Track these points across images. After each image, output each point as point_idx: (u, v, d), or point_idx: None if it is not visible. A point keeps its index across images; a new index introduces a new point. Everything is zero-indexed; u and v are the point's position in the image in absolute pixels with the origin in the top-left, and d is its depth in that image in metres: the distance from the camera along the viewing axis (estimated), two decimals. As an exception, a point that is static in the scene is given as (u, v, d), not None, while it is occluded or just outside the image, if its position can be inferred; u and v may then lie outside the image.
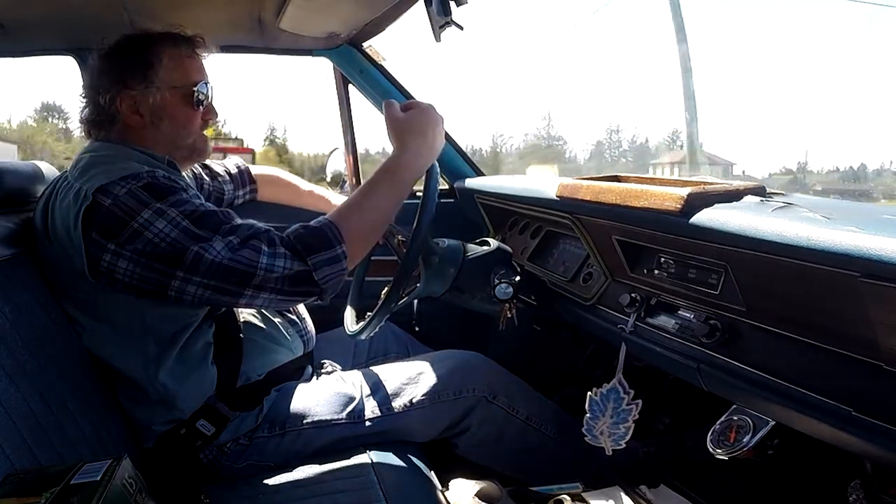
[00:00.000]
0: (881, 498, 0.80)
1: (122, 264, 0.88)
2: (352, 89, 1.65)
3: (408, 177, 0.98)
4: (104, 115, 1.02)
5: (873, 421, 0.64)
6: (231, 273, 0.87)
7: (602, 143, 31.09)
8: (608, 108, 15.09)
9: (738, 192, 0.86)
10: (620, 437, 1.01)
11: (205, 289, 0.88)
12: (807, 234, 0.65)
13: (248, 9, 1.27)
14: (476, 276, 1.13)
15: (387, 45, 1.60)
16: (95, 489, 0.67)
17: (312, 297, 0.92)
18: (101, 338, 0.97)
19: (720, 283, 0.84)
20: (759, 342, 0.80)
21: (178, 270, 0.87)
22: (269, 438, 1.04)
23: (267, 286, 0.88)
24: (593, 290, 1.12)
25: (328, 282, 0.91)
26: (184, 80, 1.03)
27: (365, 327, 1.09)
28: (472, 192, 1.57)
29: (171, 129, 1.04)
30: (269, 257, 0.88)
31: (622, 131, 34.45)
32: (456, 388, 1.11)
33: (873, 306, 0.62)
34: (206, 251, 0.87)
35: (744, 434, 0.85)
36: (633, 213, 0.91)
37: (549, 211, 1.23)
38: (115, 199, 0.87)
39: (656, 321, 0.97)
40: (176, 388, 0.98)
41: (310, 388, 1.11)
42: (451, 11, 1.02)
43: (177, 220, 0.88)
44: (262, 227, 0.92)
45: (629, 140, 29.55)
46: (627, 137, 30.27)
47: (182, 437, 1.00)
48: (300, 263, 0.89)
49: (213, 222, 0.90)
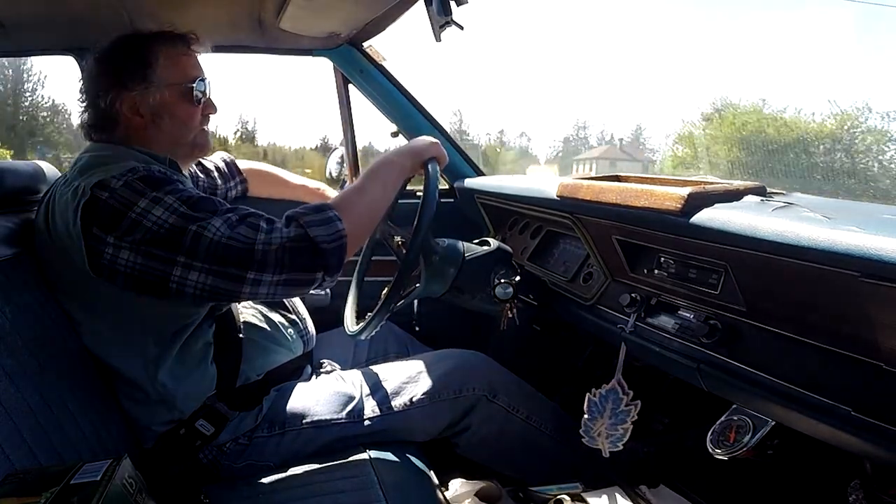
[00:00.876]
0: (881, 498, 0.80)
1: (123, 256, 0.87)
2: (352, 89, 1.66)
3: (395, 160, 1.04)
4: (106, 118, 1.02)
5: (873, 421, 0.64)
6: (230, 252, 0.86)
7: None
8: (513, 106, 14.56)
9: (738, 191, 0.86)
10: (618, 439, 1.01)
11: (206, 274, 0.87)
12: (807, 234, 0.65)
13: (248, 9, 1.27)
14: (476, 276, 1.13)
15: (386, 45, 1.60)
16: (95, 489, 0.67)
17: (317, 271, 0.89)
18: (101, 337, 0.97)
19: (720, 283, 0.84)
20: (759, 342, 0.80)
21: (179, 255, 0.86)
22: (268, 438, 1.04)
23: (269, 262, 0.86)
24: (593, 290, 1.12)
25: (327, 246, 0.88)
26: (182, 77, 1.03)
27: (365, 327, 1.09)
28: (472, 192, 1.57)
29: (172, 127, 1.04)
30: (267, 233, 0.87)
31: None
32: (456, 387, 1.11)
33: (873, 306, 0.62)
34: (204, 229, 0.86)
35: (744, 434, 0.85)
36: (634, 213, 0.91)
37: (549, 211, 1.23)
38: (111, 192, 0.87)
39: (656, 321, 0.97)
40: (175, 388, 0.98)
41: (309, 387, 1.12)
42: (452, 11, 1.02)
43: (174, 206, 0.87)
44: (263, 213, 0.92)
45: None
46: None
47: (182, 437, 1.00)
48: (296, 227, 0.88)
49: (211, 205, 0.90)
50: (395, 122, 1.67)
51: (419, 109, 1.66)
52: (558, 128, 30.78)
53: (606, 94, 28.07)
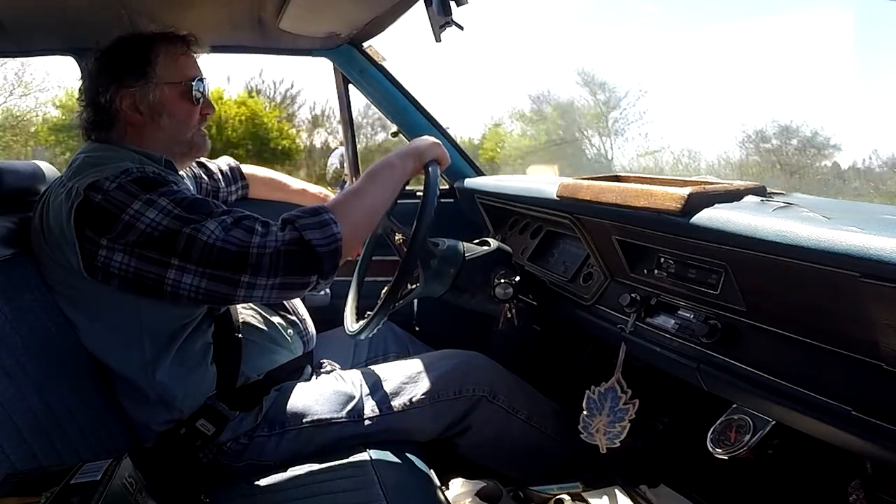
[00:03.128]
0: (881, 498, 0.80)
1: (117, 258, 0.87)
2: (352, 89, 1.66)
3: (396, 163, 1.04)
4: (105, 115, 1.02)
5: (873, 421, 0.64)
6: (225, 255, 0.86)
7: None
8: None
9: (738, 191, 0.86)
10: (615, 436, 1.01)
11: (201, 278, 0.87)
12: (807, 234, 0.65)
13: (248, 9, 1.27)
14: (476, 276, 1.13)
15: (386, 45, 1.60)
16: (95, 489, 0.67)
17: (311, 274, 0.89)
18: (98, 337, 0.97)
19: (720, 283, 0.84)
20: (759, 342, 0.80)
21: (173, 258, 0.86)
22: (268, 437, 1.04)
23: (263, 266, 0.86)
24: (593, 290, 1.12)
25: (322, 249, 0.88)
26: (180, 75, 1.04)
27: (365, 327, 1.09)
28: (472, 192, 1.57)
29: (170, 125, 1.04)
30: (262, 237, 0.87)
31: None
32: (456, 387, 1.11)
33: (873, 306, 0.62)
34: (199, 232, 0.86)
35: (744, 434, 0.85)
36: (634, 213, 0.91)
37: (549, 211, 1.23)
38: (105, 195, 0.87)
39: (656, 321, 0.97)
40: (175, 388, 0.98)
41: (309, 387, 1.11)
42: (452, 11, 1.02)
43: (168, 208, 0.87)
44: (258, 216, 0.92)
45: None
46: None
47: (182, 437, 1.00)
48: (291, 231, 0.88)
49: (206, 207, 0.90)
50: (395, 122, 1.67)
51: (419, 109, 1.66)
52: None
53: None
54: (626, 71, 15.65)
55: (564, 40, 14.42)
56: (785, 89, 11.09)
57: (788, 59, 10.88)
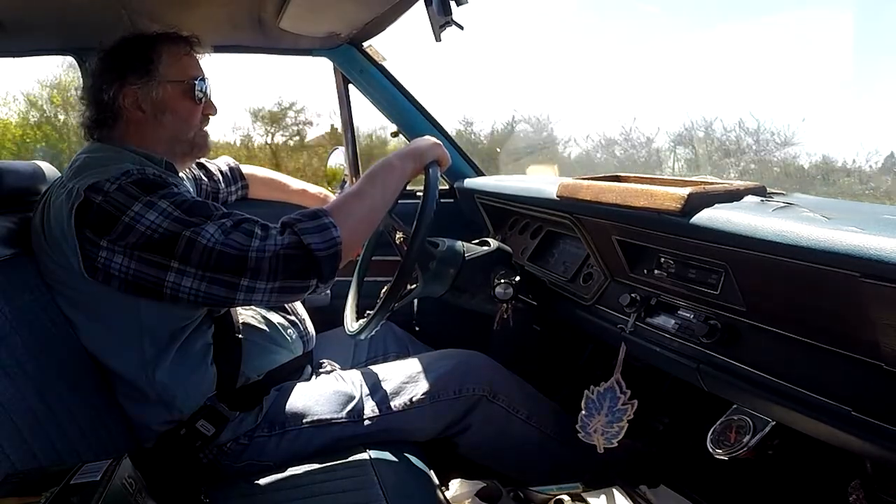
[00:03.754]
0: (881, 498, 0.80)
1: (117, 260, 0.88)
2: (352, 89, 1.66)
3: (396, 164, 1.03)
4: (108, 113, 1.03)
5: (873, 421, 0.64)
6: (224, 259, 0.86)
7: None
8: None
9: (738, 191, 0.86)
10: (613, 436, 1.01)
11: (200, 281, 0.87)
12: (807, 234, 0.65)
13: (248, 9, 1.27)
14: (476, 277, 1.13)
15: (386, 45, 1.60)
16: (95, 489, 0.67)
17: (311, 278, 0.89)
18: (98, 338, 0.97)
19: (720, 283, 0.84)
20: (759, 342, 0.80)
21: (173, 260, 0.86)
22: (268, 438, 1.04)
23: (262, 269, 0.86)
24: (593, 290, 1.12)
25: (321, 253, 0.88)
26: (183, 75, 1.05)
27: (365, 327, 1.09)
28: (472, 192, 1.57)
29: (172, 124, 1.04)
30: (261, 240, 0.87)
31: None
32: (456, 386, 1.11)
33: (873, 306, 0.62)
34: (198, 235, 0.86)
35: (744, 434, 0.85)
36: (634, 213, 0.91)
37: (549, 211, 1.23)
38: (105, 196, 0.88)
39: (656, 321, 0.97)
40: (175, 389, 0.98)
41: (309, 387, 1.11)
42: (452, 11, 1.02)
43: (168, 210, 0.88)
44: (258, 219, 0.92)
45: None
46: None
47: (182, 437, 1.00)
48: (290, 234, 0.88)
49: (206, 210, 0.90)
50: (395, 122, 1.67)
51: (419, 109, 1.66)
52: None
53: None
54: (624, 71, 15.60)
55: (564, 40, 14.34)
56: (785, 89, 11.08)
57: (788, 59, 10.87)
